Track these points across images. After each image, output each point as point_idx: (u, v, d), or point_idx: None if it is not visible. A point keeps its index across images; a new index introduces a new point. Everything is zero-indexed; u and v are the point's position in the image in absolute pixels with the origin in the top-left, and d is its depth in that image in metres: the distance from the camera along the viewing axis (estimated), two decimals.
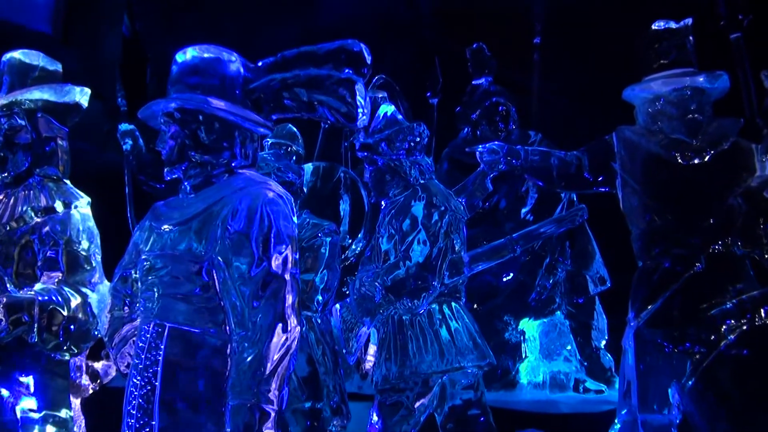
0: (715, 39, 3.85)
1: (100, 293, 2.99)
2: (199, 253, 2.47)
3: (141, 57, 6.17)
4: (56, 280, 2.96)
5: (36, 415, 2.92)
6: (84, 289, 2.97)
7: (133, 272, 2.79)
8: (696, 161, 3.71)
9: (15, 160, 3.11)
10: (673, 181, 3.72)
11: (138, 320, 2.77)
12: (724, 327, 3.51)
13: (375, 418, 3.87)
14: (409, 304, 3.73)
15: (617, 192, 3.92)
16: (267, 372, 2.31)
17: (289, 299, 2.39)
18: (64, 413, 3.00)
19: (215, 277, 2.47)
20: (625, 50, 5.21)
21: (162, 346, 2.46)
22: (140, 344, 2.53)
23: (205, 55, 2.63)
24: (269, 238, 2.43)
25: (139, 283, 2.66)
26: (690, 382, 3.56)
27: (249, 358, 2.32)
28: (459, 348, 3.75)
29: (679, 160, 3.72)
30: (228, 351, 2.44)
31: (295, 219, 2.61)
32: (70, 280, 2.98)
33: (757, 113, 3.71)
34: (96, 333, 2.97)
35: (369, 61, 2.68)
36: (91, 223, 3.13)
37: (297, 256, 2.51)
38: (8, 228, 3.03)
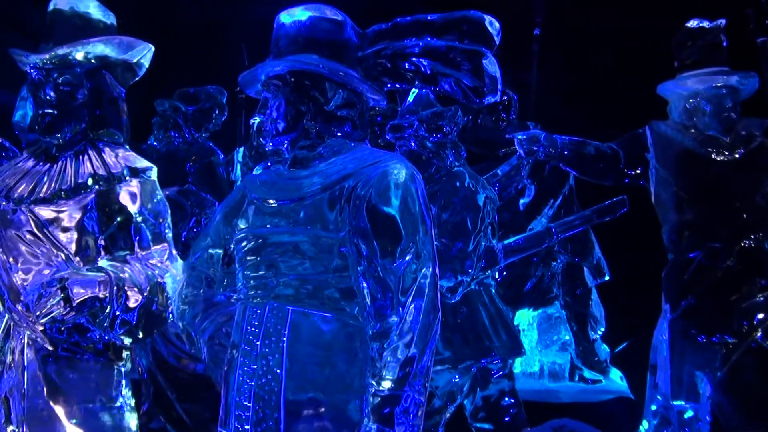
0: (741, 41, 3.97)
1: (173, 272, 2.72)
2: (332, 230, 2.25)
3: None
4: (125, 256, 2.67)
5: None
6: (158, 268, 2.69)
7: (220, 251, 2.58)
8: (729, 158, 3.82)
9: (70, 119, 2.74)
10: (707, 176, 3.82)
11: (223, 301, 2.58)
12: (755, 320, 3.63)
13: None
14: (446, 292, 3.67)
15: (649, 186, 3.99)
16: (422, 363, 2.13)
17: (436, 284, 2.22)
18: (120, 402, 2.73)
19: (347, 257, 2.25)
20: (627, 46, 5.36)
21: (285, 332, 2.23)
22: (250, 329, 2.29)
23: (321, 16, 2.41)
24: (417, 219, 2.23)
25: (238, 264, 2.43)
26: (720, 373, 3.68)
27: (403, 349, 2.12)
28: (495, 336, 3.72)
29: (713, 156, 3.82)
30: (362, 336, 2.24)
31: None
32: (141, 258, 2.69)
33: None
34: (169, 316, 2.71)
35: (495, 34, 2.53)
36: (161, 194, 2.84)
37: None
38: (63, 196, 2.71)
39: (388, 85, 2.58)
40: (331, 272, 2.26)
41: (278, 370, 2.23)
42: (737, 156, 3.82)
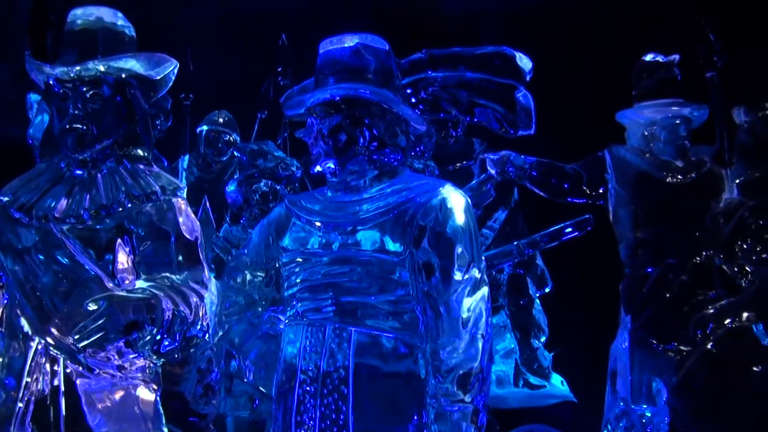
0: (692, 75, 4.35)
1: (211, 293, 2.69)
2: (391, 254, 2.33)
3: (45, 21, 5.49)
4: (163, 276, 2.60)
5: None
6: (197, 287, 2.62)
7: (261, 272, 2.61)
8: (681, 181, 4.19)
9: (99, 136, 2.63)
10: (662, 197, 4.17)
11: (264, 320, 2.61)
12: (707, 329, 3.98)
13: None
14: None
15: (607, 205, 4.30)
16: (486, 378, 2.29)
17: (490, 303, 2.37)
18: (158, 425, 2.65)
19: (406, 279, 2.34)
20: (580, 72, 5.67)
21: (350, 351, 2.31)
22: (310, 348, 2.36)
23: (369, 44, 2.48)
24: (477, 244, 2.37)
25: (289, 285, 2.48)
26: (674, 379, 4.03)
27: (469, 365, 2.25)
28: None
29: (668, 179, 4.19)
30: (423, 355, 2.33)
31: None
32: (178, 278, 2.63)
33: (728, 144, 4.27)
34: (206, 336, 2.67)
35: (526, 69, 2.70)
36: (192, 213, 2.76)
37: None
38: (94, 214, 2.61)
39: (436, 116, 2.70)
40: (390, 294, 2.34)
41: (344, 389, 2.30)
42: (689, 180, 4.19)
